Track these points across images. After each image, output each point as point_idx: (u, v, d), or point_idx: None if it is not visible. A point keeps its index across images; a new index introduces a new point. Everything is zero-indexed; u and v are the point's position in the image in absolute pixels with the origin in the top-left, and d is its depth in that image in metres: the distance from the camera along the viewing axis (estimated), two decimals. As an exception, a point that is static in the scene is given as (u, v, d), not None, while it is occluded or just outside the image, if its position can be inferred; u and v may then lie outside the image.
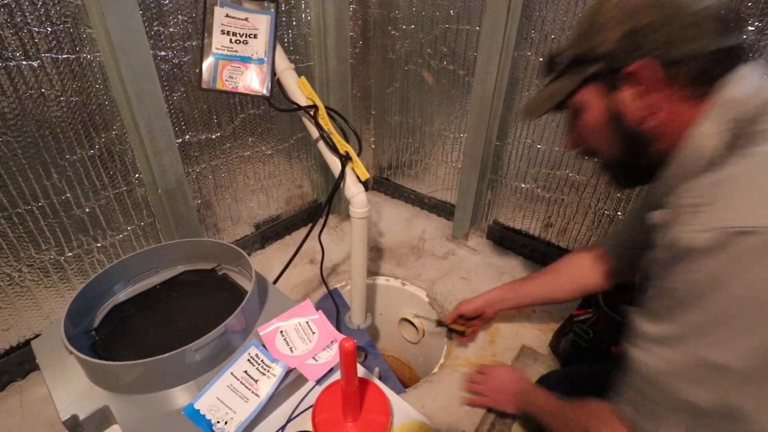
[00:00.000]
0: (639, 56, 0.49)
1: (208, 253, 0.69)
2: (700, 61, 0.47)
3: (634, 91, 0.51)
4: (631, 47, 0.50)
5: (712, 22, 0.47)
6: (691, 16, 0.47)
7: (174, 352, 0.48)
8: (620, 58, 0.50)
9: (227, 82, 0.91)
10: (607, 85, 0.53)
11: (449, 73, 1.33)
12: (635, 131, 0.53)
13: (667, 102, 0.50)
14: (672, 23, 0.48)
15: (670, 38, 0.48)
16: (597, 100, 0.55)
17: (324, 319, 0.60)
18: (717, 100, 0.47)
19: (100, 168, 0.93)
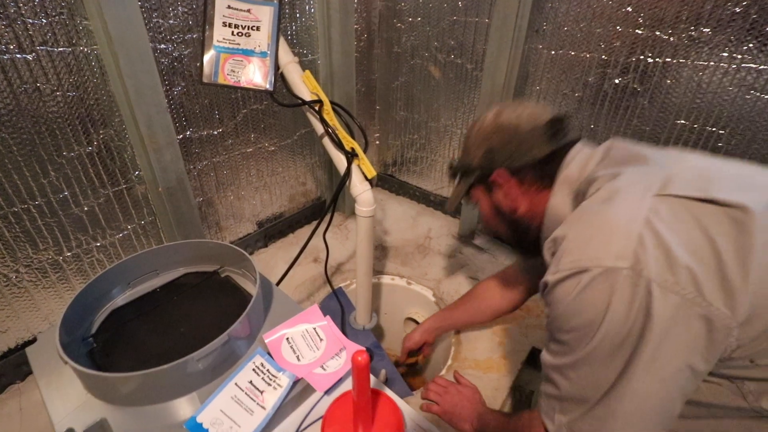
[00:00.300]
0: (495, 167, 0.68)
1: (211, 254, 0.67)
2: (539, 163, 0.65)
3: (502, 191, 0.70)
4: (489, 162, 0.69)
5: (541, 135, 0.65)
6: (523, 135, 0.66)
7: (175, 363, 0.46)
8: (485, 169, 0.70)
9: (229, 76, 0.87)
10: (485, 188, 0.73)
11: (457, 67, 1.29)
12: (513, 219, 0.71)
13: (525, 196, 0.68)
14: (511, 142, 0.66)
15: (512, 153, 0.66)
16: (484, 199, 0.75)
17: (332, 326, 0.57)
18: (559, 181, 0.64)
19: (98, 165, 0.90)
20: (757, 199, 0.48)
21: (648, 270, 0.45)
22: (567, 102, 1.12)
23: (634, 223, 0.48)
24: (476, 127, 0.73)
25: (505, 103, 0.72)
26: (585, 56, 1.05)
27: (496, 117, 0.70)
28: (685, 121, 0.97)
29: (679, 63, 0.94)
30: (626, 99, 1.03)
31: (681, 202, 0.50)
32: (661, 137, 1.02)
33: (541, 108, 0.69)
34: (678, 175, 0.53)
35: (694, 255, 0.46)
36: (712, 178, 0.52)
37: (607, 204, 0.52)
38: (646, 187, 0.52)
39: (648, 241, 0.47)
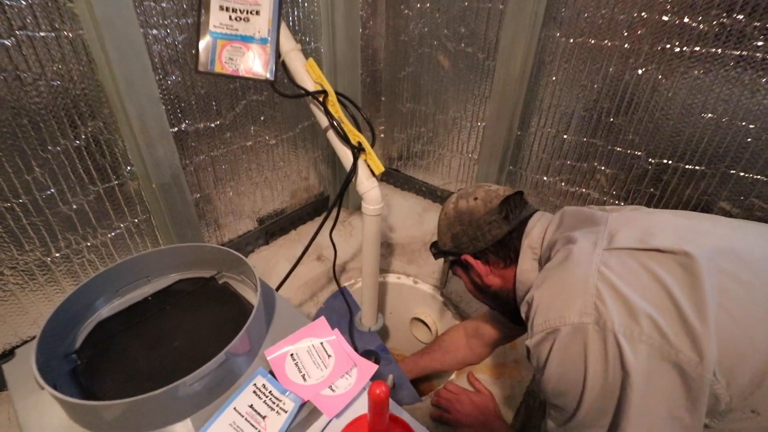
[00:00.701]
0: (462, 253, 0.75)
1: (207, 258, 0.61)
2: (500, 243, 0.71)
3: (475, 271, 0.75)
4: (457, 246, 0.75)
5: (497, 219, 0.71)
6: (479, 221, 0.72)
7: (165, 389, 0.40)
8: (456, 252, 0.76)
9: (227, 65, 0.81)
10: (462, 267, 0.79)
11: (467, 57, 1.22)
12: (493, 293, 0.76)
13: (495, 273, 0.74)
14: (470, 229, 0.72)
15: (472, 239, 0.72)
16: (463, 276, 0.81)
17: (341, 340, 0.52)
18: (523, 249, 0.69)
19: (87, 160, 0.84)
20: (699, 246, 0.50)
21: (611, 322, 0.47)
22: (585, 94, 1.06)
23: (590, 278, 0.51)
24: (442, 214, 0.79)
25: (464, 189, 0.78)
26: (606, 45, 0.98)
27: (455, 204, 0.76)
28: (713, 115, 0.91)
29: (709, 52, 0.87)
30: (649, 91, 0.97)
31: (628, 253, 0.53)
32: (685, 132, 0.96)
33: (494, 190, 0.74)
34: (621, 231, 0.57)
35: (651, 302, 0.47)
36: (653, 231, 0.55)
37: (565, 264, 0.56)
38: (595, 244, 0.56)
39: (605, 293, 0.49)
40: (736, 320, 0.45)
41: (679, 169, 1.00)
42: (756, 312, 0.46)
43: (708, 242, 0.52)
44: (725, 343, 0.44)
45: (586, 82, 1.04)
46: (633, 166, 1.06)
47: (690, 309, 0.45)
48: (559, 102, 1.11)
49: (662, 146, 1.00)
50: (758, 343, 0.44)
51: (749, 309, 0.46)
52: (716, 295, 0.46)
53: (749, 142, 0.89)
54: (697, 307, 0.45)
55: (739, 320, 0.45)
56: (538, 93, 1.14)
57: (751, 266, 0.49)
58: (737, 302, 0.46)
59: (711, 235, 0.54)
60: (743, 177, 0.92)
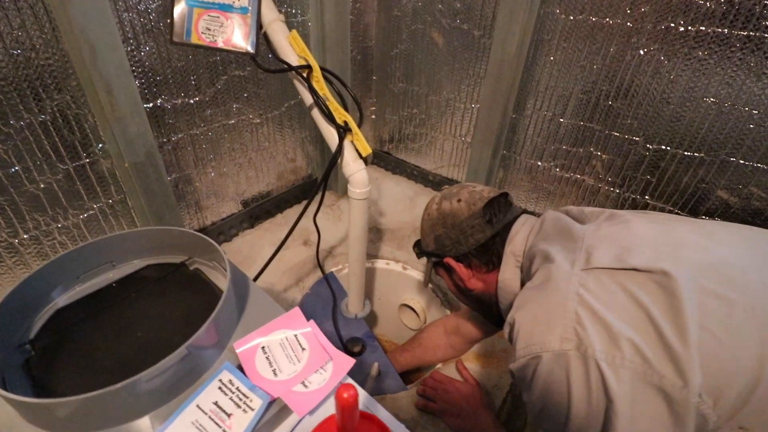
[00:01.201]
0: (445, 255, 0.73)
1: (177, 243, 0.57)
2: (482, 247, 0.69)
3: (457, 274, 0.73)
4: (439, 249, 0.74)
5: (480, 222, 0.69)
6: (462, 224, 0.70)
7: (118, 386, 0.37)
8: (439, 254, 0.74)
9: (204, 35, 0.76)
10: (444, 269, 0.77)
11: (462, 34, 1.17)
12: (475, 296, 0.75)
13: (477, 278, 0.72)
14: (452, 231, 0.71)
15: (455, 242, 0.71)
16: (446, 277, 0.79)
17: (317, 332, 0.49)
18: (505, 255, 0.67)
19: (54, 136, 0.79)
20: (679, 262, 0.49)
21: (592, 348, 0.46)
22: (584, 75, 1.01)
23: (569, 302, 0.50)
24: (425, 215, 0.77)
25: (448, 190, 0.76)
26: (607, 22, 0.93)
27: (438, 205, 0.74)
28: (715, 99, 0.88)
29: (714, 32, 0.83)
30: (651, 73, 0.92)
31: (606, 273, 0.51)
32: (686, 117, 0.92)
33: (479, 191, 0.72)
34: (598, 248, 0.55)
35: (632, 325, 0.46)
36: (630, 247, 0.53)
37: (544, 286, 0.54)
38: (573, 263, 0.54)
39: (585, 317, 0.48)
40: (719, 339, 0.44)
41: (678, 156, 0.97)
42: (739, 329, 0.44)
43: (688, 257, 0.50)
44: (709, 364, 0.43)
45: (585, 63, 1.00)
46: (630, 152, 1.03)
47: (671, 331, 0.44)
48: (557, 83, 1.06)
49: (661, 132, 0.97)
50: (743, 360, 0.43)
51: (732, 326, 0.45)
52: (697, 314, 0.45)
53: (751, 128, 0.86)
54: (678, 328, 0.44)
55: (722, 339, 0.44)
56: (535, 74, 1.09)
57: (732, 280, 0.48)
58: (719, 320, 0.45)
59: (691, 248, 0.52)
60: (743, 165, 0.89)
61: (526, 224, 0.69)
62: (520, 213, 0.73)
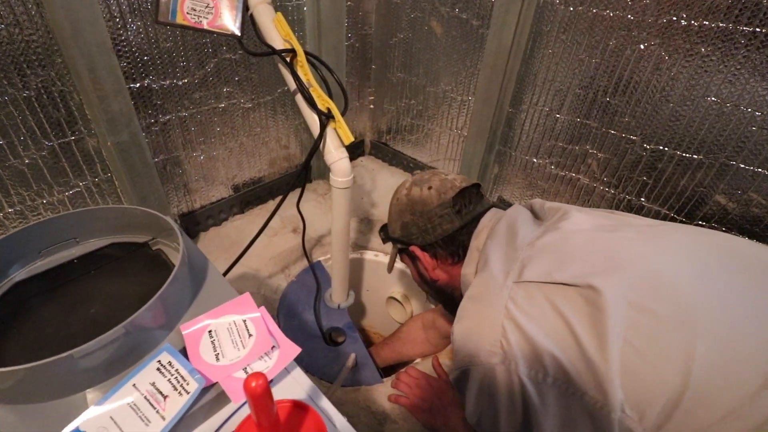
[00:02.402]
0: (411, 243, 0.71)
1: (142, 222, 0.57)
2: (449, 238, 0.67)
3: (422, 263, 0.72)
4: (406, 236, 0.72)
5: (449, 212, 0.67)
6: (431, 213, 0.67)
7: (53, 359, 0.37)
8: (404, 242, 0.73)
9: (189, 16, 0.75)
10: (409, 256, 0.76)
11: (461, 23, 1.14)
12: (438, 287, 0.74)
13: (441, 269, 0.71)
14: (420, 220, 0.69)
15: (422, 231, 0.69)
16: (410, 265, 0.79)
17: (267, 318, 0.48)
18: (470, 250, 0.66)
19: (39, 112, 0.79)
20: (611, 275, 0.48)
21: (515, 364, 0.46)
22: (582, 69, 0.98)
23: (497, 315, 0.50)
24: (394, 199, 0.75)
25: (419, 175, 0.73)
26: (608, 15, 0.90)
27: (408, 191, 0.71)
28: (716, 99, 0.84)
29: (718, 28, 0.79)
30: (651, 69, 0.89)
31: (536, 286, 0.51)
32: (685, 117, 0.88)
33: (450, 180, 0.69)
34: (533, 261, 0.54)
35: (555, 339, 0.46)
36: (565, 260, 0.52)
37: (477, 298, 0.55)
38: (507, 274, 0.54)
39: (510, 332, 0.48)
40: (642, 354, 0.43)
41: (676, 157, 0.93)
42: (664, 343, 0.43)
43: (621, 270, 0.49)
44: (631, 378, 0.42)
45: (584, 57, 0.96)
46: (627, 151, 0.99)
47: (591, 345, 0.44)
48: (555, 77, 1.03)
49: (659, 131, 0.93)
50: (665, 374, 0.42)
51: (657, 340, 0.44)
52: (622, 329, 0.44)
53: (753, 131, 0.82)
54: (599, 343, 0.43)
55: (645, 353, 0.43)
56: (533, 67, 1.05)
57: (663, 293, 0.46)
58: (644, 335, 0.44)
59: (625, 259, 0.51)
60: (743, 169, 0.85)
61: (492, 220, 0.68)
62: (490, 206, 0.71)
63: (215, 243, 1.17)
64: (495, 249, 0.60)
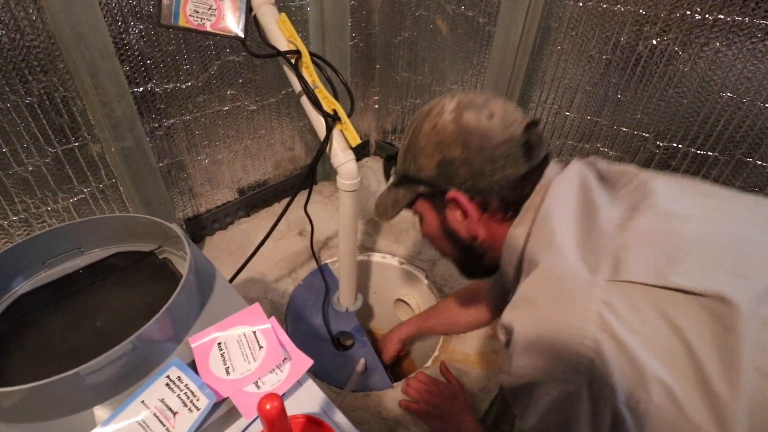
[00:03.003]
0: (452, 186, 0.53)
1: (147, 231, 0.56)
2: (508, 186, 0.51)
3: (457, 214, 0.55)
4: (445, 177, 0.53)
5: (517, 153, 0.50)
6: (495, 148, 0.50)
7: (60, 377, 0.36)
8: (438, 185, 0.54)
9: (192, 18, 0.74)
10: (435, 204, 0.58)
11: (467, 21, 1.12)
12: (467, 244, 0.58)
13: (484, 224, 0.55)
14: (477, 158, 0.50)
15: (477, 172, 0.51)
16: (431, 214, 0.59)
17: (278, 329, 0.47)
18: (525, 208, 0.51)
19: (42, 119, 0.78)
20: (744, 281, 0.37)
21: (611, 388, 0.36)
22: (592, 66, 0.96)
23: (584, 322, 0.38)
24: (428, 125, 0.54)
25: (466, 95, 0.54)
26: (619, 10, 0.88)
27: (456, 116, 0.52)
28: (732, 95, 0.81)
29: (734, 21, 0.77)
30: (664, 64, 0.86)
31: (641, 291, 0.39)
32: (701, 112, 0.86)
33: (512, 107, 0.53)
34: (633, 251, 0.41)
35: (667, 363, 0.36)
36: (678, 253, 0.40)
37: (553, 293, 0.42)
38: (595, 270, 0.41)
39: (607, 348, 0.37)
40: None
41: (690, 155, 0.91)
42: None
43: (753, 274, 0.38)
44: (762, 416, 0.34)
45: (594, 53, 0.94)
46: (639, 149, 0.97)
47: (716, 374, 0.35)
48: (564, 74, 1.01)
49: (673, 128, 0.91)
50: None
51: None
52: (757, 355, 0.35)
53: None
54: (726, 371, 0.35)
55: None
56: (541, 64, 1.03)
57: None
58: None
59: (755, 257, 0.39)
60: (760, 166, 0.83)
61: (556, 173, 0.52)
62: (549, 153, 0.55)
63: (221, 247, 1.16)
64: (564, 220, 0.46)
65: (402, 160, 0.59)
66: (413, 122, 0.57)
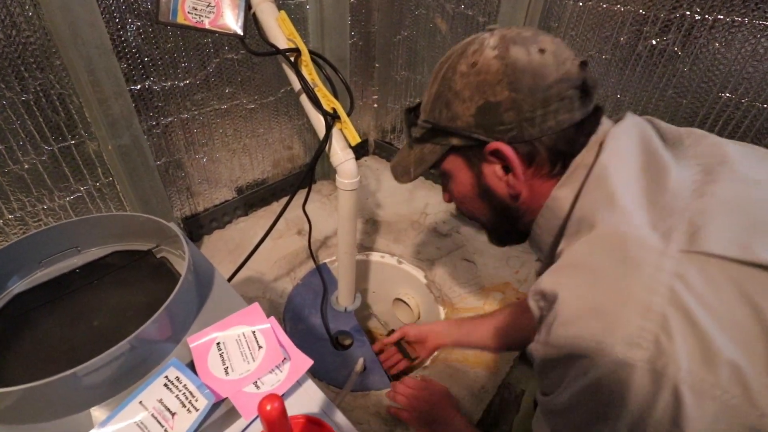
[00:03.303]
0: (494, 136, 0.45)
1: (145, 230, 0.55)
2: (561, 136, 0.44)
3: (496, 168, 0.48)
4: (485, 125, 0.45)
5: (573, 91, 0.43)
6: (547, 89, 0.43)
7: (53, 378, 0.35)
8: (477, 135, 0.46)
9: (190, 15, 0.73)
10: (470, 158, 0.50)
11: (467, 20, 1.12)
12: (506, 204, 0.51)
13: (527, 181, 0.47)
14: (527, 100, 0.43)
15: (525, 117, 0.43)
16: (464, 171, 0.52)
17: (277, 329, 0.46)
18: (573, 166, 0.45)
19: (38, 116, 0.77)
20: None
21: (675, 367, 0.32)
22: (593, 66, 0.96)
23: (655, 297, 0.34)
24: (464, 64, 0.46)
25: (509, 28, 0.46)
26: (619, 10, 0.88)
27: (501, 51, 0.44)
28: (731, 95, 0.81)
29: (734, 21, 0.77)
30: (663, 64, 0.87)
31: (718, 264, 0.35)
32: (700, 112, 0.86)
33: (562, 43, 0.45)
34: (712, 219, 0.36)
35: (741, 346, 0.33)
36: (763, 221, 0.36)
37: (612, 260, 0.37)
38: (668, 237, 0.36)
39: (675, 324, 0.33)
40: None
41: (689, 155, 0.91)
42: None
43: None
44: None
45: (594, 53, 0.94)
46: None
47: None
48: (563, 74, 1.01)
49: (672, 128, 0.91)
50: None
51: None
52: None
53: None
54: None
55: None
56: (540, 64, 1.03)
57: None
58: None
59: None
60: (759, 166, 0.83)
61: (609, 126, 0.46)
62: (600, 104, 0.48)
63: (219, 246, 1.16)
64: (626, 179, 0.41)
65: (429, 110, 0.50)
66: (442, 65, 0.49)
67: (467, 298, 1.08)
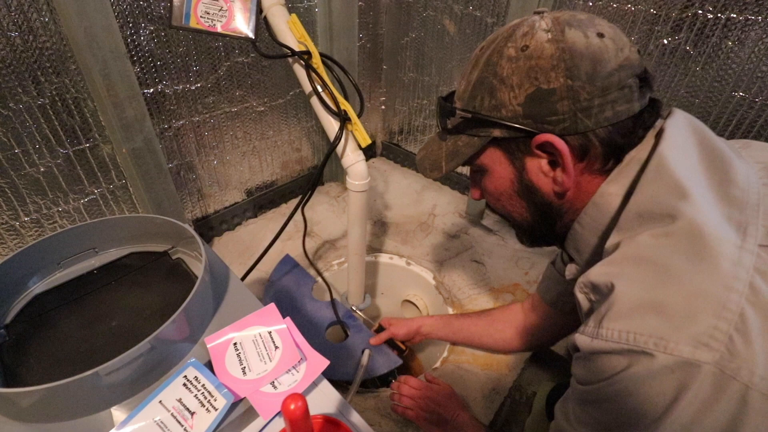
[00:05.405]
0: (543, 127, 0.42)
1: (161, 231, 0.56)
2: (618, 128, 0.41)
3: (542, 163, 0.44)
4: (535, 115, 0.42)
5: (633, 80, 0.40)
6: (607, 77, 0.39)
7: (76, 378, 0.36)
8: (525, 125, 0.42)
9: (203, 19, 0.74)
10: (512, 152, 0.46)
11: (475, 21, 1.12)
12: (548, 202, 0.47)
13: (576, 178, 0.44)
14: (585, 88, 0.39)
15: (581, 106, 0.40)
16: (503, 166, 0.47)
17: (293, 330, 0.46)
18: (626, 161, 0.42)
19: (53, 120, 0.79)
20: None
21: (749, 372, 0.29)
22: (602, 66, 0.95)
23: (731, 293, 0.31)
24: (512, 48, 0.42)
25: (561, 11, 0.43)
26: (629, 9, 0.87)
27: (556, 35, 0.40)
28: (744, 95, 0.81)
29: (747, 20, 0.76)
30: (675, 64, 0.86)
31: None
32: (713, 112, 0.85)
33: (618, 29, 0.42)
34: None
35: None
36: None
37: (684, 253, 0.34)
38: (742, 230, 0.34)
39: (753, 324, 0.30)
40: None
41: (701, 155, 0.90)
42: None
43: None
44: None
45: (604, 53, 0.94)
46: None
47: None
48: (573, 75, 1.00)
49: (684, 128, 0.90)
50: None
51: None
52: None
53: (784, 126, 0.79)
54: None
55: None
56: (550, 64, 1.03)
57: None
58: None
59: None
60: (773, 166, 0.82)
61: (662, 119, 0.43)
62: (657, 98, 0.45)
63: (229, 248, 1.17)
64: (690, 170, 0.38)
65: (469, 98, 0.46)
66: (484, 49, 0.45)
67: (476, 299, 1.08)
